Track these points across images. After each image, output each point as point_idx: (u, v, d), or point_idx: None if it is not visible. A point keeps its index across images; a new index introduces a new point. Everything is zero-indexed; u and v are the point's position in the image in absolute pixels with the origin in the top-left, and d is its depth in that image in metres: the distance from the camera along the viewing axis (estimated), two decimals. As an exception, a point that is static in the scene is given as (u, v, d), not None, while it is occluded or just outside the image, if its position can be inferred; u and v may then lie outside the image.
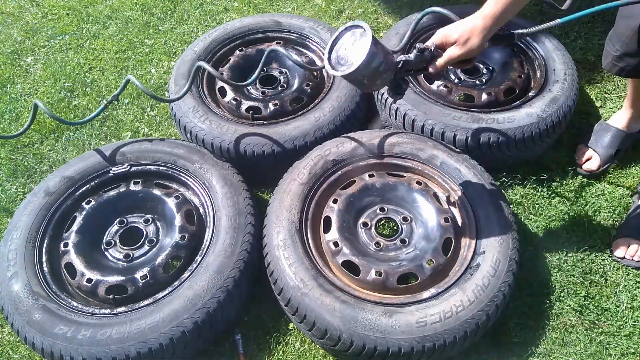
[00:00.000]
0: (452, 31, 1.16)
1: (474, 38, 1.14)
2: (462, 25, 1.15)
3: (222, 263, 1.39)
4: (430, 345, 1.25)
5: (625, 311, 1.49)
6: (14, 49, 2.44)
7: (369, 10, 2.48)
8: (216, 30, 2.04)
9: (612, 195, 1.73)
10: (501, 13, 1.13)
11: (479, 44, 1.15)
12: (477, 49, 1.15)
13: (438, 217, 1.48)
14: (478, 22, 1.14)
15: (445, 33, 1.17)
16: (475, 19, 1.14)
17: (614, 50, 1.43)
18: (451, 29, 1.16)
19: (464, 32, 1.14)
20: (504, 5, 1.12)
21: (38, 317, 1.32)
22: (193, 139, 1.75)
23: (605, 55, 1.47)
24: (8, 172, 1.94)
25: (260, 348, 1.47)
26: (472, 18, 1.15)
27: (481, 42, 1.15)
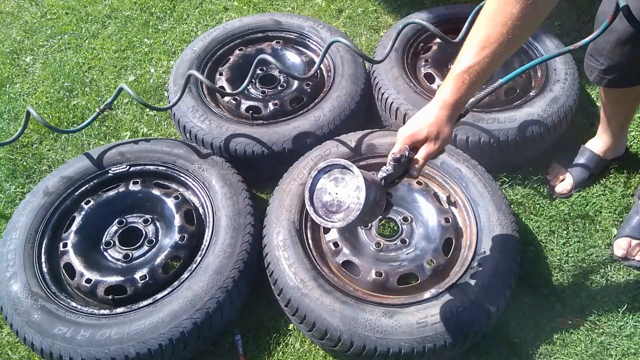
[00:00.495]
0: (418, 129, 1.08)
1: (444, 129, 1.08)
2: (426, 120, 1.08)
3: (221, 263, 1.39)
4: (430, 346, 1.24)
5: (626, 311, 1.49)
6: (13, 49, 2.43)
7: (369, 10, 2.47)
8: (216, 29, 2.03)
9: (612, 195, 1.73)
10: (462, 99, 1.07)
11: (450, 132, 1.10)
12: (449, 137, 1.10)
13: (438, 217, 1.47)
14: (442, 113, 1.07)
15: (411, 132, 1.09)
16: (438, 110, 1.07)
17: (599, 65, 1.43)
18: (415, 127, 1.09)
19: (431, 128, 1.07)
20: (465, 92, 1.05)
21: (37, 317, 1.32)
22: (192, 139, 1.75)
23: (591, 70, 1.47)
24: (7, 172, 1.94)
25: (260, 349, 1.47)
26: (433, 109, 1.08)
27: (452, 130, 1.10)
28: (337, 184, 1.05)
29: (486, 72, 1.03)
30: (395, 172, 1.10)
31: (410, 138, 1.10)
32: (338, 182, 1.05)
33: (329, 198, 1.05)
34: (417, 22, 1.58)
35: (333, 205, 1.05)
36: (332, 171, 1.06)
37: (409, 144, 1.10)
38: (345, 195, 1.04)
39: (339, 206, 1.04)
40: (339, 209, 1.04)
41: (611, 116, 1.64)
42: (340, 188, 1.05)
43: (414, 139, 1.09)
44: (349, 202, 1.03)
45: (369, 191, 1.01)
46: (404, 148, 1.10)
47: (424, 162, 1.11)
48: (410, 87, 1.75)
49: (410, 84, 1.77)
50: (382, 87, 1.79)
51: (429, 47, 1.93)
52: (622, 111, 1.63)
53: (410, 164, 1.11)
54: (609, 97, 1.59)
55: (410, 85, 1.76)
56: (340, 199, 1.04)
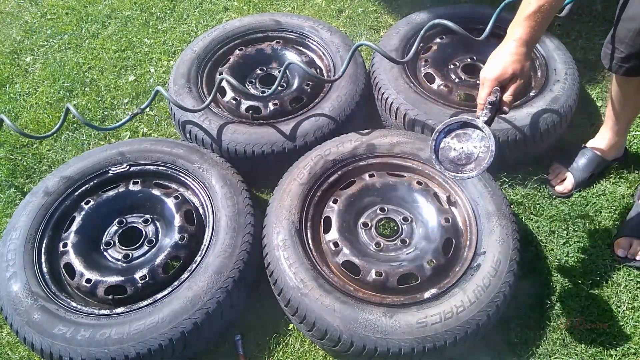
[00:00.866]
0: (503, 69, 1.19)
1: (526, 64, 1.19)
2: (509, 59, 1.19)
3: (221, 263, 1.39)
4: (430, 346, 1.24)
5: (626, 311, 1.49)
6: (13, 49, 2.43)
7: (369, 10, 2.47)
8: (216, 29, 2.03)
9: (613, 195, 1.73)
10: (537, 35, 1.19)
11: (529, 67, 1.22)
12: (529, 72, 1.25)
13: (438, 217, 1.47)
14: (522, 50, 1.19)
15: (497, 74, 1.20)
16: (518, 49, 1.19)
17: (618, 53, 1.44)
18: (499, 68, 1.20)
19: (515, 65, 1.19)
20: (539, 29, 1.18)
21: (37, 317, 1.32)
22: (192, 139, 1.75)
23: (609, 58, 1.48)
24: (7, 172, 1.94)
25: (260, 349, 1.47)
26: (512, 48, 1.19)
27: (530, 64, 1.22)
28: (461, 139, 1.17)
29: (555, 8, 1.16)
30: (492, 114, 1.21)
31: (497, 79, 1.20)
32: (461, 137, 1.17)
33: (455, 154, 1.18)
34: (443, 23, 1.58)
35: (462, 159, 1.17)
36: (452, 130, 1.18)
37: (496, 85, 1.21)
38: (472, 147, 1.16)
39: (468, 158, 1.16)
40: (468, 160, 1.16)
41: (619, 111, 1.63)
42: (465, 142, 1.17)
43: (502, 79, 1.20)
44: (478, 152, 1.15)
45: (495, 138, 1.13)
46: (495, 90, 1.20)
47: (513, 98, 1.22)
48: (410, 87, 1.75)
49: (410, 84, 1.77)
50: (382, 87, 1.79)
51: (429, 47, 1.93)
52: (632, 106, 1.61)
53: (501, 103, 1.22)
54: (621, 89, 1.57)
55: (410, 85, 1.76)
56: (467, 151, 1.16)
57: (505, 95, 1.22)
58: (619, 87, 1.57)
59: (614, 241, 1.61)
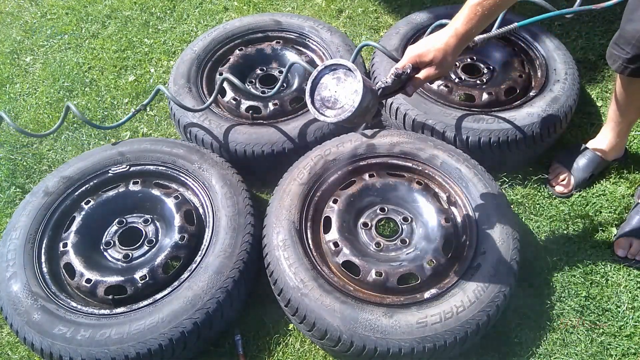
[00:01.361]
0: (425, 52, 1.15)
1: (448, 57, 1.15)
2: (435, 45, 1.15)
3: (221, 263, 1.39)
4: (430, 346, 1.24)
5: (626, 311, 1.49)
6: (13, 49, 2.43)
7: (369, 10, 2.47)
8: (216, 29, 2.03)
9: (613, 195, 1.73)
10: (472, 31, 1.14)
11: (452, 62, 1.17)
12: (450, 66, 1.18)
13: (439, 217, 1.47)
14: (451, 41, 1.14)
15: (418, 53, 1.16)
16: (448, 38, 1.14)
17: (624, 54, 1.44)
18: (423, 48, 1.16)
19: (437, 53, 1.14)
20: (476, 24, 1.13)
21: (37, 317, 1.32)
22: (192, 139, 1.75)
23: (614, 59, 1.47)
24: (7, 172, 1.94)
25: (260, 349, 1.47)
26: (444, 36, 1.15)
27: (454, 60, 1.18)
28: (339, 83, 1.13)
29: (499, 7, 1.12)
30: (393, 85, 1.17)
31: (416, 57, 1.17)
32: (340, 81, 1.13)
33: (327, 94, 1.13)
34: (445, 23, 1.58)
35: (329, 101, 1.13)
36: (337, 70, 1.13)
37: (413, 63, 1.17)
38: (343, 95, 1.12)
39: (334, 103, 1.12)
40: (334, 105, 1.12)
41: (622, 113, 1.63)
42: (340, 87, 1.12)
43: (420, 60, 1.17)
44: (344, 102, 1.11)
45: (364, 97, 1.08)
46: (407, 65, 1.17)
47: (421, 82, 1.19)
48: (410, 87, 1.75)
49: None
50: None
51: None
52: (635, 108, 1.61)
53: (409, 82, 1.19)
54: (626, 90, 1.57)
55: (410, 85, 1.76)
56: (337, 97, 1.12)
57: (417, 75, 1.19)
58: (622, 88, 1.57)
59: (614, 241, 1.61)
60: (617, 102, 1.62)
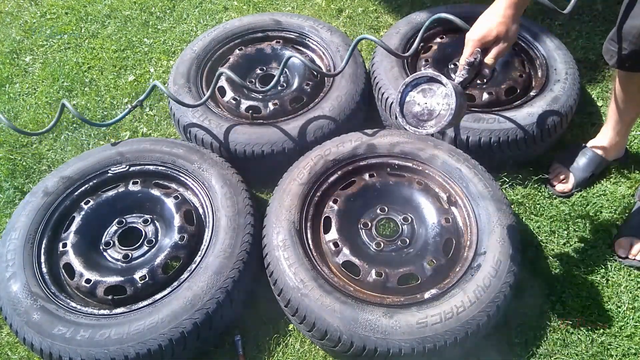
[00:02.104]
0: (487, 32, 1.16)
1: (512, 27, 1.15)
2: (494, 21, 1.15)
3: (221, 264, 1.38)
4: (431, 346, 1.24)
5: (626, 312, 1.48)
6: (13, 49, 2.43)
7: (369, 9, 2.47)
8: (215, 29, 2.03)
9: (613, 195, 1.72)
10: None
11: (516, 30, 1.17)
12: (516, 35, 1.17)
13: (439, 217, 1.47)
14: (509, 11, 1.14)
15: (481, 36, 1.16)
16: (505, 10, 1.14)
17: (622, 50, 1.44)
18: (484, 29, 1.16)
19: (500, 27, 1.15)
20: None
21: (37, 317, 1.32)
22: (192, 139, 1.75)
23: (611, 54, 1.47)
24: (6, 172, 1.93)
25: (260, 349, 1.47)
26: (499, 9, 1.15)
27: (518, 28, 1.17)
28: (426, 95, 1.14)
29: None
30: (469, 75, 1.19)
31: (480, 40, 1.17)
32: (426, 92, 1.14)
33: (419, 109, 1.15)
34: (443, 16, 1.59)
35: (424, 114, 1.14)
36: (419, 85, 1.15)
37: (479, 47, 1.18)
38: (435, 103, 1.13)
39: (430, 114, 1.13)
40: (430, 116, 1.13)
41: (621, 111, 1.63)
42: (429, 98, 1.14)
43: (485, 41, 1.17)
44: (440, 109, 1.12)
45: (457, 96, 1.10)
46: (475, 51, 1.18)
47: (494, 61, 1.19)
48: (411, 86, 1.75)
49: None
50: (382, 87, 1.78)
51: (429, 47, 1.93)
52: (634, 106, 1.61)
53: (482, 65, 1.20)
54: (624, 88, 1.57)
55: (411, 85, 1.76)
56: (430, 107, 1.13)
57: (487, 58, 1.19)
58: (621, 86, 1.57)
59: (615, 241, 1.61)
60: (616, 101, 1.62)
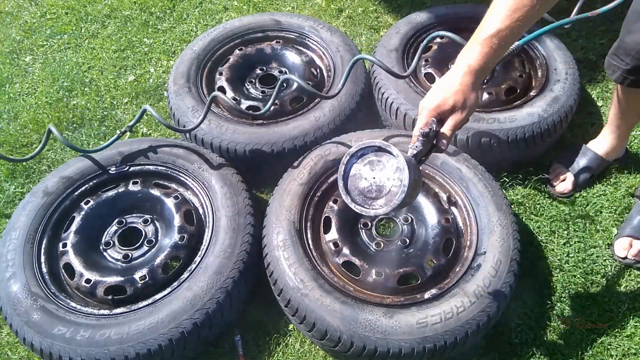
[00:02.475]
0: (443, 100, 1.03)
1: (470, 96, 1.03)
2: (450, 88, 1.03)
3: (221, 264, 1.38)
4: (431, 346, 1.24)
5: (626, 312, 1.48)
6: (13, 49, 2.43)
7: (369, 9, 2.47)
8: (215, 29, 2.03)
9: (613, 196, 1.72)
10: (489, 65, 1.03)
11: (476, 99, 1.05)
12: (476, 104, 1.06)
13: (439, 217, 1.47)
14: (467, 79, 1.02)
15: (436, 104, 1.04)
16: (463, 77, 1.02)
17: (623, 65, 1.43)
18: (440, 97, 1.03)
19: (457, 96, 1.02)
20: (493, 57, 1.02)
21: (37, 317, 1.32)
22: (192, 139, 1.74)
23: (613, 69, 1.47)
24: (7, 172, 1.93)
25: (260, 349, 1.47)
26: (457, 76, 1.03)
27: (477, 96, 1.05)
28: (374, 168, 1.00)
29: (515, 36, 1.00)
30: (424, 147, 1.05)
31: (435, 110, 1.04)
32: (374, 165, 1.00)
33: (366, 184, 1.00)
34: (442, 34, 1.50)
35: (372, 191, 1.00)
36: (365, 155, 1.01)
37: (434, 116, 1.05)
38: (385, 178, 0.99)
39: (379, 191, 0.99)
40: (379, 194, 0.99)
41: (623, 117, 1.63)
42: (378, 172, 1.00)
43: (440, 110, 1.04)
44: (390, 185, 0.98)
45: (410, 170, 0.95)
46: (430, 121, 1.04)
47: (451, 133, 1.06)
48: (410, 87, 1.75)
49: (410, 83, 1.77)
50: (382, 87, 1.78)
51: (429, 47, 1.93)
52: (636, 113, 1.61)
53: (438, 137, 1.06)
54: (626, 98, 1.57)
55: (410, 85, 1.76)
56: (379, 183, 0.99)
57: (444, 128, 1.05)
58: (623, 96, 1.57)
59: (615, 241, 1.61)
60: (618, 106, 1.62)
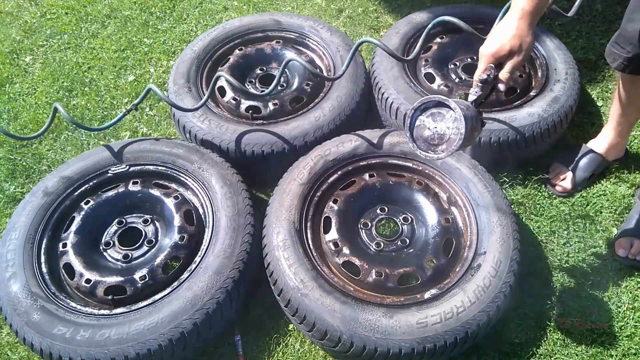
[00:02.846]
0: (501, 45, 1.12)
1: (526, 39, 1.11)
2: (507, 35, 1.11)
3: (221, 264, 1.38)
4: (431, 346, 1.24)
5: (626, 312, 1.48)
6: (13, 49, 2.43)
7: (369, 9, 2.47)
8: (215, 29, 2.03)
9: (613, 195, 1.72)
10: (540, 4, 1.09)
11: (532, 41, 1.13)
12: (532, 46, 1.14)
13: (439, 217, 1.47)
14: (522, 23, 1.10)
15: (495, 50, 1.12)
16: (518, 21, 1.10)
17: (625, 52, 1.44)
18: (497, 44, 1.12)
19: (514, 40, 1.10)
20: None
21: (37, 317, 1.32)
22: (192, 139, 1.74)
23: (614, 57, 1.47)
24: (6, 172, 1.93)
25: (260, 349, 1.47)
26: (512, 21, 1.11)
27: (533, 38, 1.14)
28: (435, 119, 1.12)
29: None
30: (483, 92, 1.17)
31: (493, 55, 1.13)
32: (436, 116, 1.12)
33: (429, 133, 1.13)
34: (447, 19, 1.55)
35: (434, 139, 1.13)
36: (428, 109, 1.13)
37: (492, 62, 1.14)
38: (445, 127, 1.11)
39: (440, 139, 1.12)
40: (440, 141, 1.12)
41: (623, 113, 1.63)
42: (439, 122, 1.12)
43: (498, 55, 1.13)
44: (450, 134, 1.10)
45: (467, 120, 1.08)
46: (488, 67, 1.15)
47: (509, 75, 1.15)
48: (410, 87, 1.75)
49: (410, 83, 1.77)
50: (382, 87, 1.78)
51: (429, 47, 1.93)
52: (636, 108, 1.61)
53: (496, 81, 1.16)
54: (627, 90, 1.57)
55: (410, 85, 1.76)
56: (440, 132, 1.12)
57: (502, 73, 1.15)
58: (624, 88, 1.57)
59: (615, 241, 1.61)
60: (619, 102, 1.62)
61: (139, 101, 1.68)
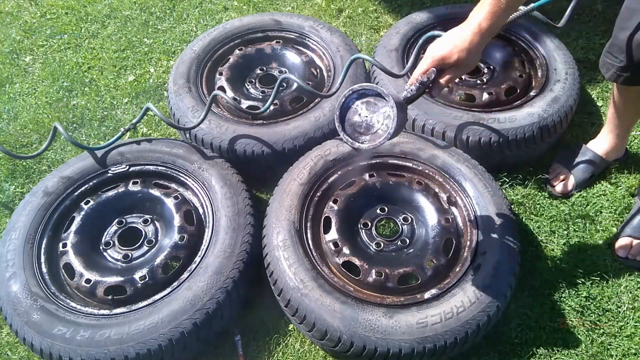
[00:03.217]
0: (449, 53, 1.10)
1: (473, 56, 1.10)
2: (458, 44, 1.09)
3: (221, 264, 1.38)
4: (430, 346, 1.24)
5: (626, 312, 1.48)
6: (13, 49, 2.43)
7: (369, 9, 2.47)
8: (215, 29, 2.03)
9: (613, 195, 1.72)
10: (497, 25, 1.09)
11: (477, 60, 1.13)
12: (475, 64, 1.14)
13: (439, 217, 1.47)
14: (475, 39, 1.08)
15: (441, 55, 1.10)
16: (472, 36, 1.08)
17: (617, 62, 1.43)
18: (446, 49, 1.10)
19: (462, 54, 1.09)
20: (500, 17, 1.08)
21: (37, 317, 1.32)
22: (192, 139, 1.74)
23: (607, 67, 1.46)
24: (7, 172, 1.93)
25: (260, 349, 1.47)
26: (466, 34, 1.09)
27: (479, 58, 1.13)
28: (369, 107, 1.11)
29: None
30: (418, 92, 1.15)
31: (439, 60, 1.11)
32: (370, 106, 1.11)
33: (358, 119, 1.12)
34: (436, 34, 1.53)
35: (361, 127, 1.11)
36: (365, 95, 1.11)
37: (436, 66, 1.12)
38: (376, 120, 1.10)
39: (367, 128, 1.11)
40: (367, 131, 1.11)
41: (621, 116, 1.63)
42: (371, 113, 1.11)
43: (443, 62, 1.11)
44: (378, 128, 1.09)
45: (398, 120, 1.07)
46: (431, 70, 1.13)
47: (446, 84, 1.14)
48: (411, 87, 1.75)
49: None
50: (382, 87, 1.78)
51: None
52: (633, 112, 1.61)
53: (433, 85, 1.15)
54: (622, 96, 1.57)
55: (411, 85, 1.75)
56: (370, 122, 1.11)
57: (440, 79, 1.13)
58: (619, 95, 1.57)
59: (615, 241, 1.61)
60: (615, 107, 1.62)
61: (137, 121, 1.68)
